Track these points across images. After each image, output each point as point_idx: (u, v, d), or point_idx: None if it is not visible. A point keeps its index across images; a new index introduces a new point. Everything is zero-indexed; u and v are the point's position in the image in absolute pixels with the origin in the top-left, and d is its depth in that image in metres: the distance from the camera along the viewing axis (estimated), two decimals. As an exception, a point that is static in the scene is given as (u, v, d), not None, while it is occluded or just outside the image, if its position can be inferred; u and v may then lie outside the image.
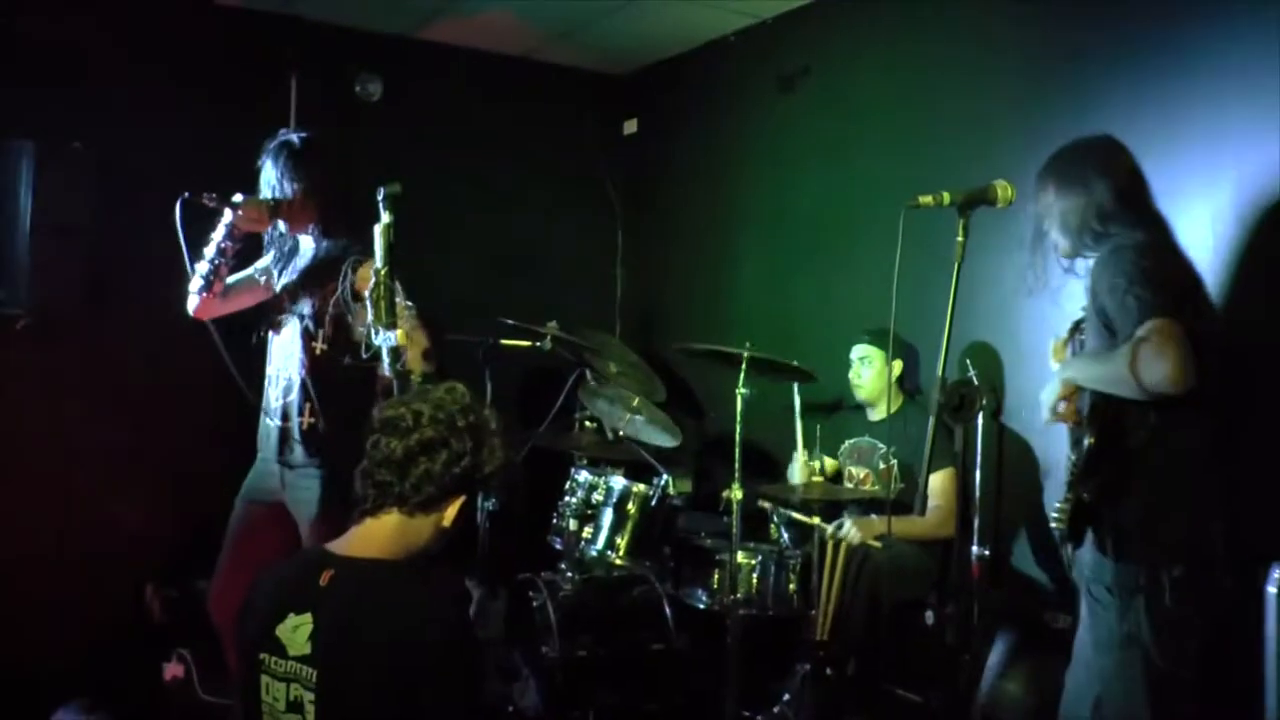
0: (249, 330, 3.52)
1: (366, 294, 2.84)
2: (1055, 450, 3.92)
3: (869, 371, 4.19)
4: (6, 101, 4.43)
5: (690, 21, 5.26)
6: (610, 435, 4.56)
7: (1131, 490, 2.48)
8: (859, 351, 4.23)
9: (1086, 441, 2.50)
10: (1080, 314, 2.77)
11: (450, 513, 2.16)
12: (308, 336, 3.36)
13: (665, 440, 4.50)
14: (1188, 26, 3.50)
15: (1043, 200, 2.72)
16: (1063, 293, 2.84)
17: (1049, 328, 3.19)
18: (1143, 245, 2.50)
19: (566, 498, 4.24)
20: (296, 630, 2.02)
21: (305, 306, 3.38)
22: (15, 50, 4.55)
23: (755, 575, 3.85)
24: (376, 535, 2.12)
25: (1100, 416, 2.50)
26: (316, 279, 3.38)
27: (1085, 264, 2.70)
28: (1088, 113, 3.75)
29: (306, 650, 2.00)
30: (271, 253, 3.55)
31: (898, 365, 4.22)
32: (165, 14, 4.88)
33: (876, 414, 4.26)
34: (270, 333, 3.49)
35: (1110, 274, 2.46)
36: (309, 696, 1.98)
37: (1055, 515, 2.62)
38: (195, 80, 4.94)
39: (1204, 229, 3.39)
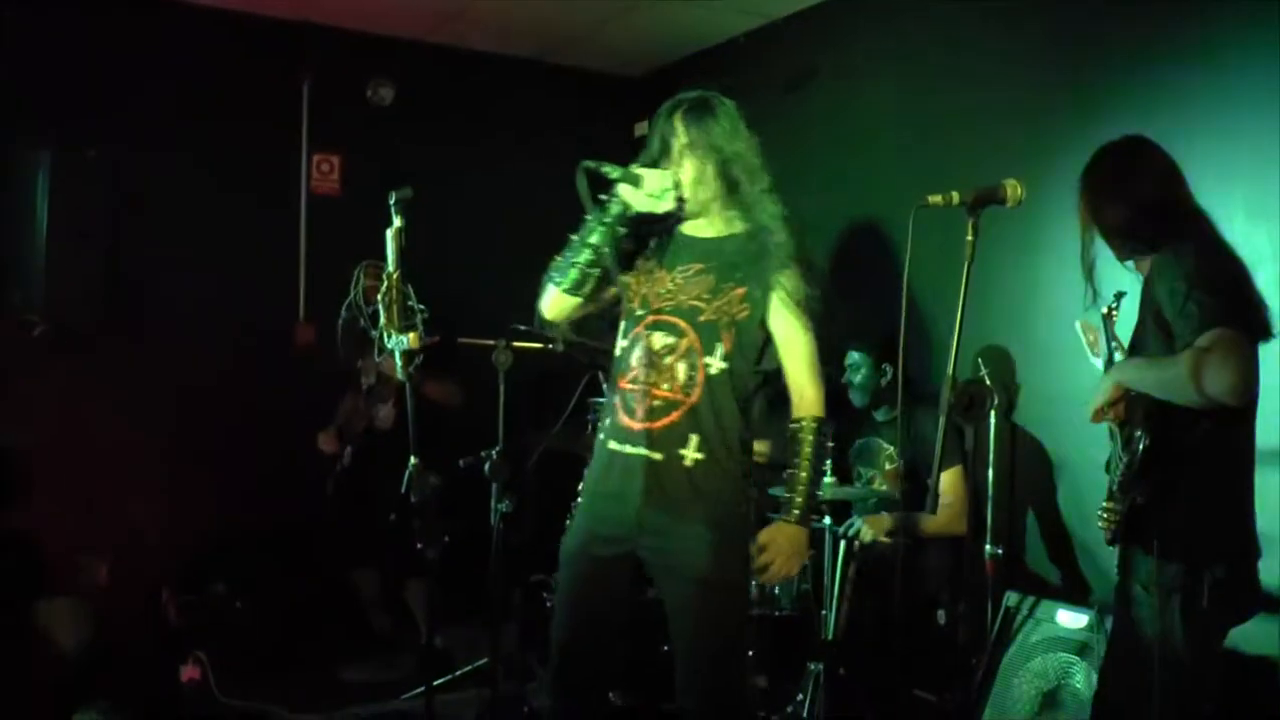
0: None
1: (378, 298, 2.85)
2: (1067, 449, 3.92)
3: (855, 377, 4.24)
4: (22, 111, 4.46)
5: (702, 22, 5.26)
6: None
7: (1181, 491, 2.46)
8: (848, 359, 4.29)
9: (1142, 444, 2.47)
10: (1110, 299, 2.70)
11: None
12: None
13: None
14: (1195, 28, 3.49)
15: (1084, 210, 2.67)
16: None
17: (1061, 325, 3.19)
18: (1198, 248, 2.46)
19: (579, 499, 4.23)
20: None
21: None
22: (30, 60, 4.59)
23: (767, 575, 3.85)
24: None
25: (1152, 418, 2.47)
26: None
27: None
28: (1096, 113, 3.74)
29: None
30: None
31: (889, 368, 4.22)
32: (177, 21, 4.92)
33: (882, 415, 4.27)
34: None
35: (1169, 279, 2.42)
36: None
37: (1103, 516, 2.58)
38: (208, 87, 4.97)
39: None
